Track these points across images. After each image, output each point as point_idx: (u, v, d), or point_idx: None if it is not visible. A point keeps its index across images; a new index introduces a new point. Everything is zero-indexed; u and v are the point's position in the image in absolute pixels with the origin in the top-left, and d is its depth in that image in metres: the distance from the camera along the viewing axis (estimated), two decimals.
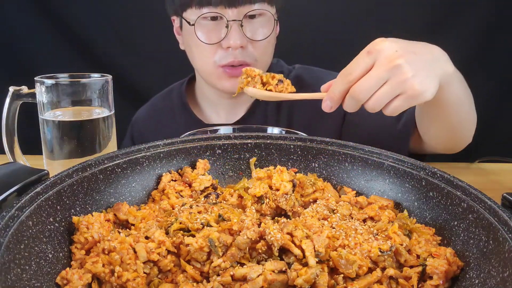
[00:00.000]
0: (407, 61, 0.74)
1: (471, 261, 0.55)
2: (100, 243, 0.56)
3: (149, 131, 1.39)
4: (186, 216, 0.61)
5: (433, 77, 0.77)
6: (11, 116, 0.88)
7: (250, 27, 1.14)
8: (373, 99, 0.75)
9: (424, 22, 1.89)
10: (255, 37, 1.15)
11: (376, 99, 0.75)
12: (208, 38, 1.14)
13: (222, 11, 1.11)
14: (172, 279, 0.55)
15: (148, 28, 1.97)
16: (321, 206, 0.67)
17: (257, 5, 1.13)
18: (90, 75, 0.90)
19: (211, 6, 1.10)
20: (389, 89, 0.74)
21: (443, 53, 0.83)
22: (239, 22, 1.11)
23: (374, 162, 0.74)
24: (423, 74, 0.75)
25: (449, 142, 1.04)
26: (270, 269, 0.53)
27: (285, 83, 0.88)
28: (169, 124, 1.36)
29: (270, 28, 1.16)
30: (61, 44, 2.00)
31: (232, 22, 1.10)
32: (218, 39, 1.13)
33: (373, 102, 0.75)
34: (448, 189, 0.63)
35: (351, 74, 0.77)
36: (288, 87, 0.88)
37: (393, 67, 0.74)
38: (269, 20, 1.16)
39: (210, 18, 1.12)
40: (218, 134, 0.83)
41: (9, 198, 0.56)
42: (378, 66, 0.75)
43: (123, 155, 0.70)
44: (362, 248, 0.57)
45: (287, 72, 1.34)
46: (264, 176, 0.73)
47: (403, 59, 0.74)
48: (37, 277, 0.49)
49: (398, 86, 0.74)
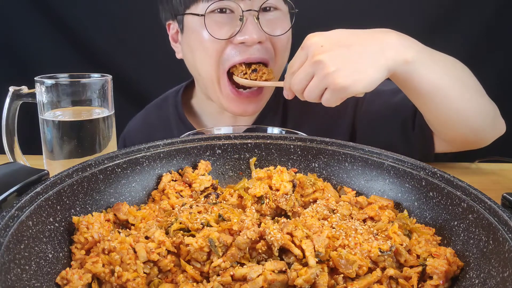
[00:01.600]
0: (331, 56, 0.77)
1: (471, 261, 0.55)
2: (100, 243, 0.56)
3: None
4: (186, 216, 0.61)
5: (370, 68, 0.78)
6: (11, 116, 0.88)
7: (267, 21, 1.03)
8: (306, 91, 0.83)
9: (425, 22, 1.89)
10: (273, 32, 1.03)
11: (308, 91, 0.83)
12: (218, 33, 1.01)
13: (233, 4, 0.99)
14: (172, 279, 0.55)
15: (148, 28, 1.96)
16: (321, 206, 0.67)
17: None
18: (90, 75, 0.90)
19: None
20: (316, 83, 0.81)
21: (398, 40, 0.81)
22: (255, 13, 0.99)
23: (374, 162, 0.74)
24: (349, 67, 0.77)
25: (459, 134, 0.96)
26: (270, 269, 0.53)
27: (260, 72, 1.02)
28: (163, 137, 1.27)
29: (288, 23, 1.06)
30: (61, 44, 2.00)
31: (248, 13, 0.98)
32: (231, 33, 1.00)
33: (306, 93, 0.83)
34: (448, 189, 0.63)
35: (292, 67, 0.86)
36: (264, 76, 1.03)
37: (315, 63, 0.79)
38: (285, 16, 1.07)
39: (218, 11, 1.01)
40: (218, 134, 0.83)
41: (9, 198, 0.56)
42: (306, 61, 0.81)
43: (123, 155, 0.70)
44: (362, 248, 0.57)
45: None
46: (264, 176, 0.73)
47: (326, 55, 0.78)
48: (37, 277, 0.49)
49: (322, 80, 0.79)
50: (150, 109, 1.36)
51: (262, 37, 1.01)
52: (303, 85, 0.83)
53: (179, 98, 1.27)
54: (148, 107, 1.37)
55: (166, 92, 1.36)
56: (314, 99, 0.83)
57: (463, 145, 1.03)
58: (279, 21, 1.06)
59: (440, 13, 1.89)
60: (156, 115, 1.31)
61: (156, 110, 1.33)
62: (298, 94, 0.86)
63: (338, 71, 0.77)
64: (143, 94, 2.04)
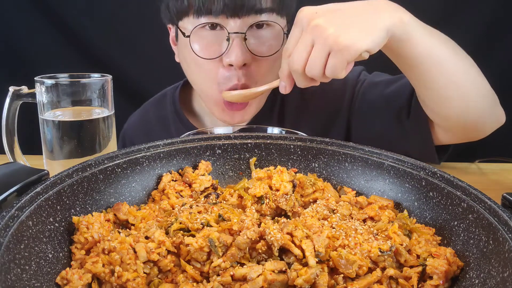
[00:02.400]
0: (326, 19, 0.75)
1: (471, 261, 0.55)
2: (100, 243, 0.56)
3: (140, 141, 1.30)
4: (186, 216, 0.61)
5: (369, 27, 0.75)
6: (11, 116, 0.88)
7: (255, 39, 0.98)
8: (309, 64, 0.77)
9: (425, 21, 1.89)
10: (260, 52, 0.98)
11: (310, 64, 0.77)
12: (207, 52, 0.98)
13: (223, 21, 0.96)
14: (172, 279, 0.55)
15: (148, 28, 1.97)
16: (321, 206, 0.67)
17: (264, 15, 0.97)
18: (90, 75, 0.90)
19: (211, 16, 0.95)
20: (318, 50, 0.76)
21: (390, 3, 0.79)
22: (242, 36, 0.95)
23: (374, 162, 0.74)
24: (349, 26, 0.74)
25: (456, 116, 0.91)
26: (270, 269, 0.53)
27: None
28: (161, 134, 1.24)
29: (278, 43, 1.00)
30: (61, 44, 2.00)
31: (234, 35, 0.95)
32: (218, 53, 0.97)
33: (309, 67, 0.77)
34: (448, 189, 0.63)
35: (287, 49, 0.81)
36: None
37: (313, 28, 0.75)
38: (278, 34, 1.01)
39: (209, 27, 0.98)
40: (218, 134, 0.83)
41: (9, 198, 0.56)
42: (303, 32, 0.77)
43: (123, 155, 0.70)
44: (362, 248, 0.57)
45: None
46: (264, 176, 0.73)
47: (321, 18, 0.75)
48: (37, 277, 0.49)
49: (324, 44, 0.75)
50: (148, 106, 1.35)
51: (247, 59, 0.98)
52: (303, 58, 0.77)
53: (176, 95, 1.26)
54: (146, 104, 1.36)
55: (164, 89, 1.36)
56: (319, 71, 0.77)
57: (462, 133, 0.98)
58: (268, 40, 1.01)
59: (440, 13, 1.89)
60: (154, 112, 1.30)
61: (154, 107, 1.32)
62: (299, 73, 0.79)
63: (339, 30, 0.73)
64: (143, 94, 2.03)
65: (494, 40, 1.91)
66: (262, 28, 0.99)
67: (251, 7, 0.95)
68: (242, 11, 0.94)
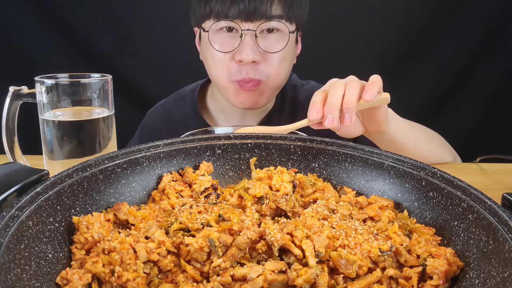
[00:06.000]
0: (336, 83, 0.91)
1: (471, 261, 0.55)
2: (100, 243, 0.56)
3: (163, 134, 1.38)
4: (186, 216, 0.61)
5: None
6: (11, 116, 0.88)
7: (265, 40, 1.14)
8: (347, 92, 0.88)
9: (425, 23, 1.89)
10: (268, 49, 1.15)
11: (349, 91, 0.88)
12: (222, 47, 1.15)
13: (238, 25, 1.12)
14: (172, 279, 0.55)
15: (148, 29, 1.97)
16: (321, 206, 0.67)
17: (274, 22, 1.13)
18: (90, 75, 0.90)
19: (228, 19, 1.12)
20: (353, 82, 0.90)
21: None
22: (253, 33, 1.11)
23: (374, 162, 0.74)
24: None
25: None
26: (270, 269, 0.53)
27: None
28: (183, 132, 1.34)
29: (284, 43, 1.16)
30: (61, 44, 2.01)
31: (246, 31, 1.11)
32: (231, 48, 1.14)
33: (348, 95, 0.87)
34: (448, 189, 0.63)
35: (316, 94, 0.91)
36: None
37: (342, 80, 0.91)
38: (286, 35, 1.16)
39: (227, 29, 1.14)
40: (218, 134, 0.83)
41: (9, 198, 0.56)
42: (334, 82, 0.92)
43: (123, 155, 0.70)
44: (362, 248, 0.57)
45: (300, 86, 1.38)
46: (264, 176, 0.73)
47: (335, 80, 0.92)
48: (37, 277, 0.49)
49: (356, 80, 0.91)
50: (169, 104, 1.45)
51: (256, 56, 1.12)
52: (341, 90, 0.87)
53: (195, 96, 1.38)
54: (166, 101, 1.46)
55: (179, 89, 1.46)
56: (355, 97, 0.87)
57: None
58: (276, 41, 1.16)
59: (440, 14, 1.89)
60: (176, 110, 1.42)
61: (175, 106, 1.43)
62: (337, 100, 0.87)
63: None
64: (143, 94, 2.04)
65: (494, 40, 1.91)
66: (272, 32, 1.15)
67: (263, 13, 1.11)
68: (254, 16, 1.10)
